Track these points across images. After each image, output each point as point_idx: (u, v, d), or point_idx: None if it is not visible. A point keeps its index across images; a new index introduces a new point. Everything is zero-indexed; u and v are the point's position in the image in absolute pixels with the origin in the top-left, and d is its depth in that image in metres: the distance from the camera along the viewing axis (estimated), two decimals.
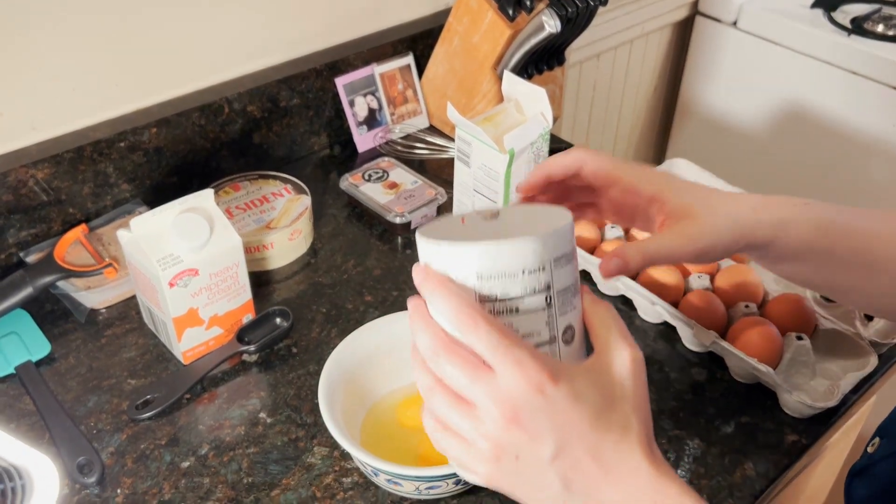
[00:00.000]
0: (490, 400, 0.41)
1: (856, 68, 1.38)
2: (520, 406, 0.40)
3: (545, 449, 0.41)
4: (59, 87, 0.84)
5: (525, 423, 0.40)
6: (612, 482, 0.41)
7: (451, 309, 0.42)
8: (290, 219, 0.88)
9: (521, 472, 0.42)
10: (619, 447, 0.42)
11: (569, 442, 0.41)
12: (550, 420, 0.40)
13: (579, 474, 0.41)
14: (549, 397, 0.40)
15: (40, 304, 0.81)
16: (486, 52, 0.99)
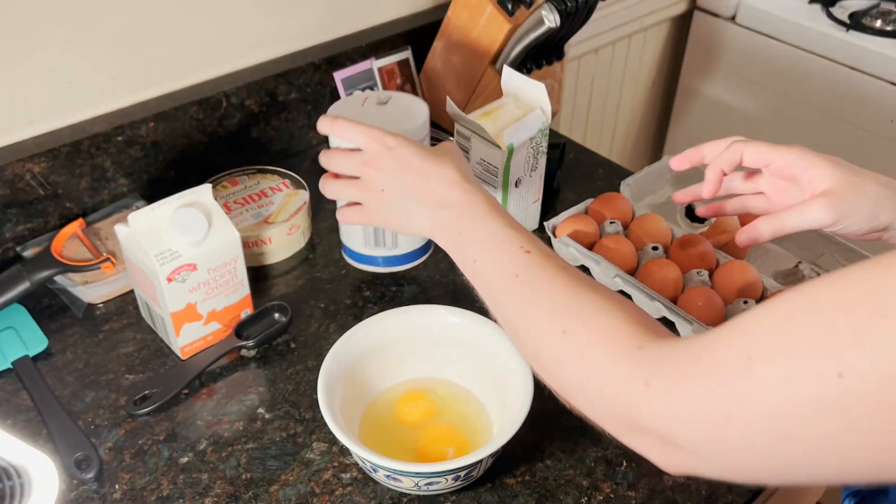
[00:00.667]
0: (360, 162, 0.67)
1: (854, 63, 1.38)
2: (375, 157, 0.66)
3: (390, 175, 0.66)
4: (56, 80, 0.84)
5: (379, 165, 0.66)
6: (435, 188, 0.64)
7: (342, 128, 0.69)
8: (288, 213, 0.87)
9: (387, 200, 0.67)
10: (441, 169, 0.64)
11: (405, 170, 0.65)
12: (394, 161, 0.66)
13: (417, 190, 0.65)
14: (392, 149, 0.66)
15: (37, 298, 0.81)
16: (485, 46, 0.99)
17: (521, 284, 0.56)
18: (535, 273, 0.56)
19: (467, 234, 0.61)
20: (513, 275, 0.57)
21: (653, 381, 0.44)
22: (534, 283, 0.56)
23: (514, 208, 0.87)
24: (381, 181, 0.66)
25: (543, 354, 0.53)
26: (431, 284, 0.86)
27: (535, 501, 0.65)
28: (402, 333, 0.71)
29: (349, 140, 0.68)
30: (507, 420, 0.63)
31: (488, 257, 0.59)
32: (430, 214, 0.64)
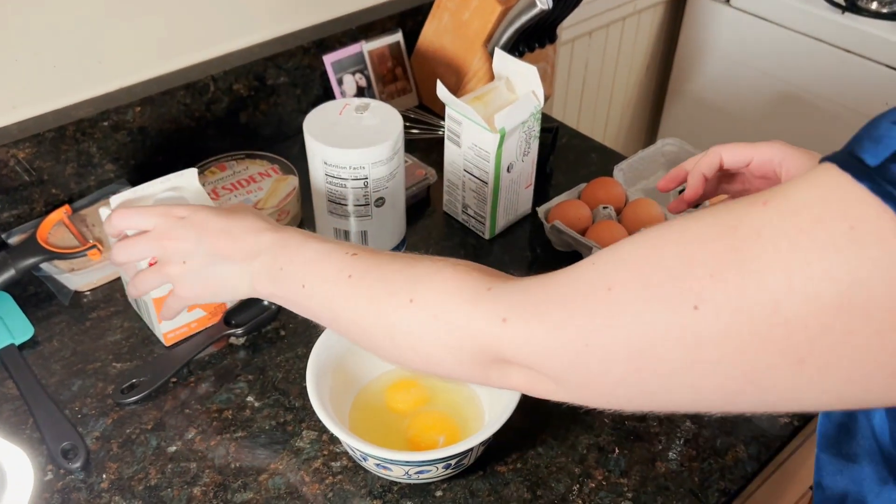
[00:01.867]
0: (153, 238, 0.64)
1: (850, 46, 1.37)
2: (169, 229, 0.63)
3: (190, 242, 0.62)
4: (40, 64, 0.82)
5: (175, 235, 0.62)
6: (243, 240, 0.61)
7: (123, 217, 0.66)
8: (277, 199, 0.86)
9: (192, 271, 0.62)
10: (243, 222, 0.62)
11: (205, 233, 0.61)
12: (191, 227, 0.62)
13: (223, 249, 0.61)
14: (186, 218, 0.63)
15: (23, 286, 0.80)
16: (477, 29, 0.98)
17: (356, 281, 0.54)
18: (366, 267, 0.55)
19: (289, 266, 0.59)
20: (346, 277, 0.55)
21: (510, 315, 0.45)
22: (368, 274, 0.54)
23: (506, 193, 0.86)
24: (182, 251, 0.62)
25: (397, 334, 0.52)
26: None
27: (526, 489, 0.64)
28: None
29: (135, 226, 0.65)
30: (498, 408, 0.62)
31: (316, 274, 0.57)
32: (245, 269, 0.61)
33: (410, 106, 1.09)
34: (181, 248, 0.62)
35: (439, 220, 0.92)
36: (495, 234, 0.89)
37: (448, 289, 0.50)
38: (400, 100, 1.07)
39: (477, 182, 0.85)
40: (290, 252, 0.59)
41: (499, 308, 0.46)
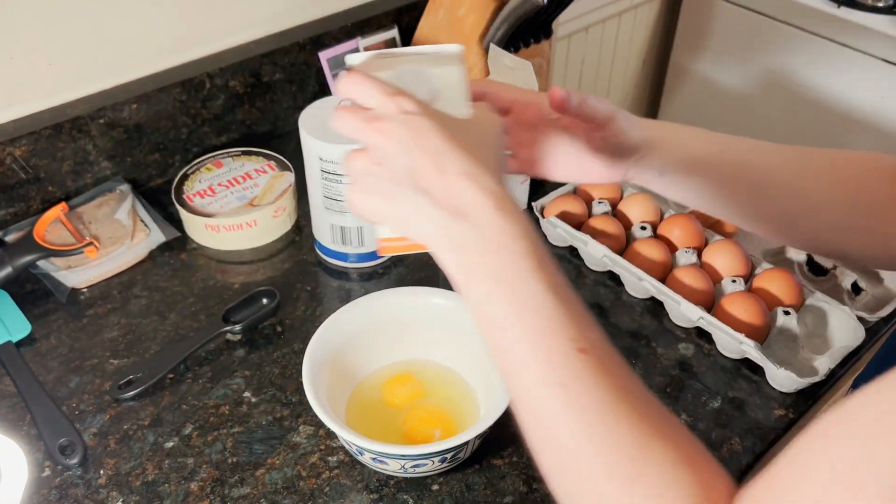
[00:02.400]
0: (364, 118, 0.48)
1: (845, 40, 1.37)
2: (383, 117, 0.48)
3: (396, 147, 0.47)
4: (35, 61, 0.82)
5: (384, 128, 0.47)
6: (453, 185, 0.46)
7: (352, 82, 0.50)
8: (273, 196, 0.86)
9: (382, 178, 0.48)
10: (466, 160, 0.46)
11: (417, 147, 0.46)
12: (406, 130, 0.47)
13: (427, 179, 0.46)
14: (408, 114, 0.47)
15: (20, 284, 0.80)
16: (472, 24, 0.98)
17: (567, 401, 0.42)
18: (589, 390, 0.42)
19: (491, 284, 0.45)
20: (557, 383, 0.42)
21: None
22: (586, 404, 0.41)
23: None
24: (381, 150, 0.48)
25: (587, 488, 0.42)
26: (419, 265, 0.85)
27: (522, 482, 0.65)
28: (388, 316, 0.70)
29: (358, 95, 0.51)
30: (493, 401, 0.62)
31: (524, 342, 0.43)
32: (438, 219, 0.47)
33: None
34: (381, 147, 0.48)
35: None
36: None
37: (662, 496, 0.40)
38: None
39: None
40: (498, 265, 0.45)
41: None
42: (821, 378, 0.71)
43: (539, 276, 0.44)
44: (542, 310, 0.43)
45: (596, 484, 0.41)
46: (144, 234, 0.84)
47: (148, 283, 0.82)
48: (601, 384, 0.42)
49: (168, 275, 0.83)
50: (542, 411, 0.43)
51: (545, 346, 0.43)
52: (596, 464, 0.41)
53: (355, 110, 0.50)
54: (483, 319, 0.46)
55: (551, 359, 0.42)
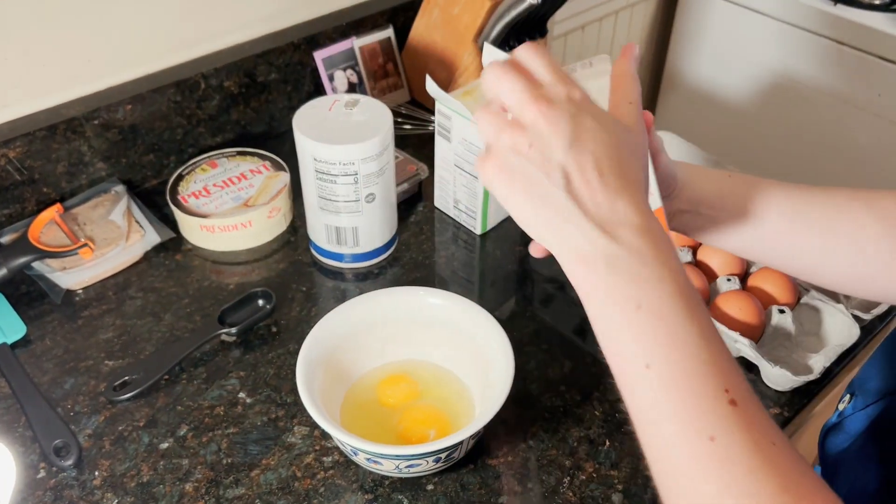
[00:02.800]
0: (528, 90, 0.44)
1: (841, 37, 1.37)
2: (550, 99, 0.43)
3: (557, 138, 0.42)
4: (29, 62, 0.82)
5: (546, 110, 0.43)
6: (614, 201, 0.42)
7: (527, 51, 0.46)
8: (268, 196, 0.86)
9: (529, 161, 0.43)
10: (627, 178, 0.43)
11: (581, 140, 0.42)
12: (569, 120, 0.43)
13: (581, 181, 0.42)
14: (580, 107, 0.43)
15: (15, 285, 0.80)
16: (467, 24, 0.98)
17: (715, 455, 0.39)
18: (738, 444, 0.39)
19: (637, 313, 0.41)
20: (707, 437, 0.39)
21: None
22: (735, 459, 0.38)
23: None
24: (539, 134, 0.43)
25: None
26: (413, 266, 0.85)
27: (517, 482, 0.65)
28: (383, 316, 0.70)
29: (532, 65, 0.46)
30: (488, 401, 0.62)
31: (670, 387, 0.40)
32: (586, 231, 0.42)
33: (402, 101, 1.09)
34: (541, 132, 0.43)
35: (431, 216, 0.92)
36: (487, 230, 0.89)
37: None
38: (391, 95, 1.07)
39: (468, 177, 0.85)
40: (651, 299, 0.41)
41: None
42: (816, 376, 0.71)
43: (695, 317, 0.41)
44: (695, 354, 0.40)
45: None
46: (139, 234, 0.84)
47: (143, 284, 0.82)
48: (749, 438, 0.38)
49: (163, 276, 0.83)
50: (684, 463, 0.39)
51: (695, 393, 0.39)
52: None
53: (518, 75, 0.45)
54: (620, 351, 0.42)
55: (702, 408, 0.39)
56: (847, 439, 0.66)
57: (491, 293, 0.84)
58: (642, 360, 0.41)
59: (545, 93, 0.44)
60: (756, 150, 1.58)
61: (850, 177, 1.47)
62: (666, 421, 0.40)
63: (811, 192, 0.61)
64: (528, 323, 0.78)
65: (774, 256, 0.63)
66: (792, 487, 0.38)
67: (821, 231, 0.59)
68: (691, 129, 1.63)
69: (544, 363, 0.74)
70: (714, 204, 0.60)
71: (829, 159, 1.48)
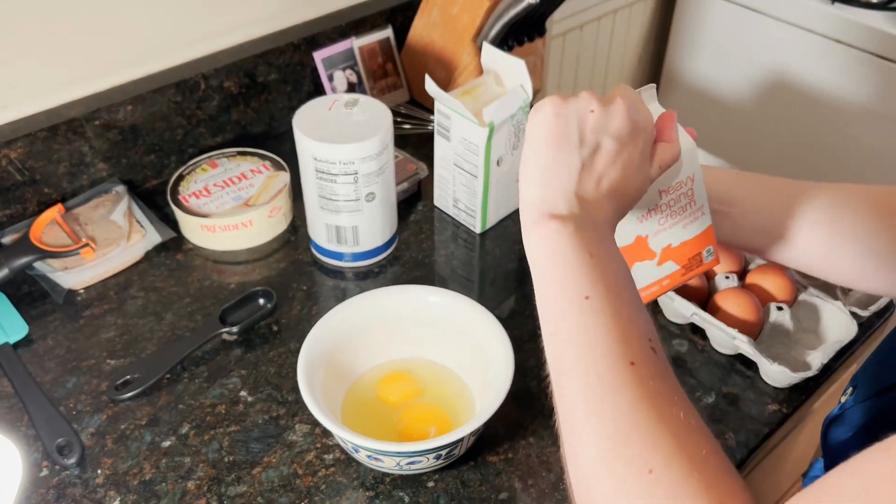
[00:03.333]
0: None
1: (840, 36, 1.37)
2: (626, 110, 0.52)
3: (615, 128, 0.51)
4: (29, 63, 0.83)
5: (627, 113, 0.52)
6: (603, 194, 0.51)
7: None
8: (268, 196, 0.87)
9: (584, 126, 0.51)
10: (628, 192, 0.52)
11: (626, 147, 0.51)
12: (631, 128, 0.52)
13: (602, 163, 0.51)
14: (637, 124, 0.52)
15: (17, 285, 0.81)
16: (466, 23, 0.98)
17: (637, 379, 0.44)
18: (654, 377, 0.44)
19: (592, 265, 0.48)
20: (628, 362, 0.44)
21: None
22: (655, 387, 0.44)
23: (497, 187, 0.87)
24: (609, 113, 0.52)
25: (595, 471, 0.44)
26: (413, 264, 0.85)
27: (517, 479, 0.65)
28: (383, 314, 0.71)
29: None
30: (488, 398, 0.63)
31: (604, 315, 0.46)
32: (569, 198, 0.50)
33: (401, 101, 1.09)
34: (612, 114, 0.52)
35: (431, 215, 0.92)
36: (486, 228, 0.90)
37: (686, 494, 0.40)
38: (391, 95, 1.08)
39: (467, 176, 0.86)
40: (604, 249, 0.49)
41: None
42: (814, 373, 0.71)
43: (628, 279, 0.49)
44: (626, 296, 0.47)
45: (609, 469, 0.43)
46: (140, 234, 0.85)
47: (144, 283, 0.82)
48: (663, 374, 0.45)
49: (164, 275, 0.83)
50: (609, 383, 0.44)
51: (626, 323, 0.46)
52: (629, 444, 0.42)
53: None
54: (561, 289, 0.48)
55: (630, 341, 0.45)
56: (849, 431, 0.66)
57: (490, 291, 0.84)
58: (583, 292, 0.47)
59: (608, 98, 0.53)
60: (754, 148, 1.59)
61: (848, 174, 1.47)
62: (599, 343, 0.45)
63: (819, 189, 0.63)
64: (528, 321, 0.79)
65: (786, 252, 0.64)
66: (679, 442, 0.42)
67: (831, 226, 0.61)
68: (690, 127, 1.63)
69: (544, 361, 0.75)
70: (724, 200, 0.63)
71: (828, 157, 1.48)
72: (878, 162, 1.42)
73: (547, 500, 0.64)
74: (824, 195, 0.62)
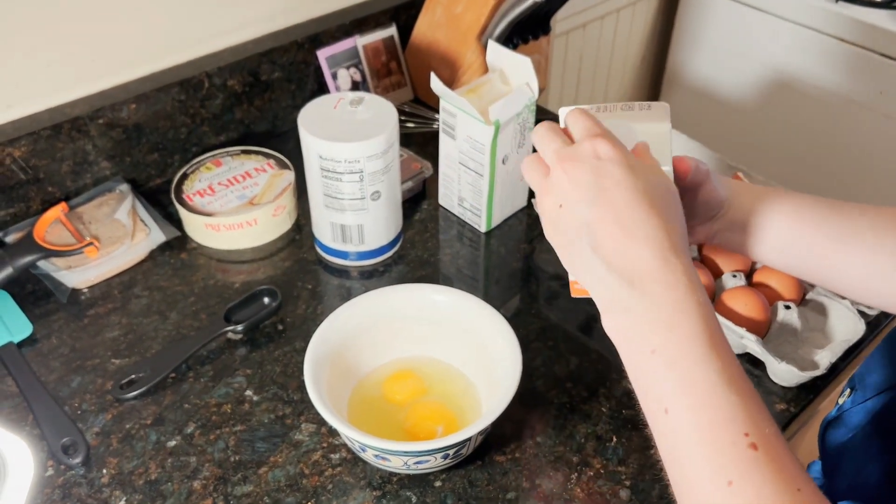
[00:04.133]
0: (553, 151, 0.49)
1: (843, 35, 1.37)
2: (573, 157, 0.47)
3: (580, 194, 0.46)
4: (33, 62, 0.82)
5: (570, 168, 0.47)
6: (633, 250, 0.44)
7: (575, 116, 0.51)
8: (273, 194, 0.86)
9: (561, 220, 0.48)
10: (651, 226, 0.44)
11: (602, 198, 0.45)
12: (594, 176, 0.46)
13: (605, 235, 0.45)
14: (600, 160, 0.46)
15: (21, 284, 0.80)
16: (470, 21, 0.98)
17: (734, 501, 0.39)
18: (757, 489, 0.39)
19: (658, 361, 0.43)
20: (725, 481, 0.39)
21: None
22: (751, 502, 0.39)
23: (502, 186, 0.86)
24: (564, 192, 0.47)
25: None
26: (419, 263, 0.85)
27: (524, 478, 0.65)
28: (389, 313, 0.70)
29: (572, 125, 0.51)
30: (495, 397, 0.62)
31: (690, 431, 0.41)
32: (610, 283, 0.45)
33: (405, 100, 1.09)
34: (563, 190, 0.47)
35: (436, 213, 0.92)
36: (492, 227, 0.90)
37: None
38: (395, 94, 1.07)
39: (472, 175, 0.85)
40: (673, 348, 0.42)
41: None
42: (822, 372, 0.71)
43: (712, 360, 0.41)
44: (713, 399, 0.40)
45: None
46: (144, 233, 0.84)
47: (148, 282, 0.82)
48: (769, 482, 0.39)
49: (168, 274, 0.83)
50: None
51: (714, 438, 0.40)
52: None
53: (550, 134, 0.50)
54: (644, 394, 0.44)
55: (719, 453, 0.40)
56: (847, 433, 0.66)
57: (496, 290, 0.84)
58: (660, 403, 0.42)
59: (571, 152, 0.48)
60: (757, 146, 1.58)
61: (850, 173, 1.47)
62: (686, 463, 0.41)
63: (849, 208, 0.60)
64: (534, 320, 0.79)
65: (818, 272, 0.61)
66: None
67: (869, 249, 0.58)
68: (693, 126, 1.63)
69: (550, 360, 0.75)
70: (764, 225, 0.60)
71: (830, 156, 1.48)
72: (882, 161, 1.42)
73: (555, 500, 0.63)
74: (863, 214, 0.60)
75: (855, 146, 1.45)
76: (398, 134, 0.78)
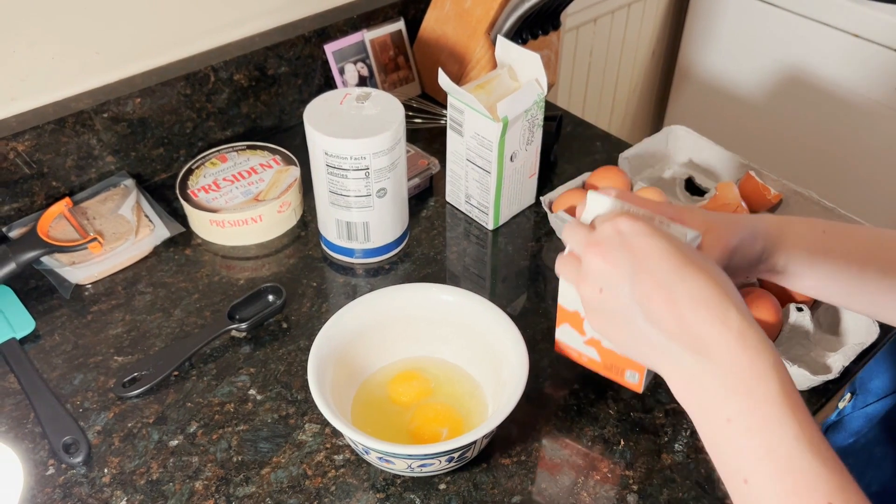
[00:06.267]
0: (584, 240, 0.49)
1: (857, 31, 1.35)
2: (601, 240, 0.47)
3: (618, 272, 0.45)
4: (37, 55, 0.82)
5: (603, 252, 0.46)
6: (688, 318, 0.42)
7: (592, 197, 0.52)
8: (278, 190, 0.86)
9: (605, 305, 0.47)
10: (698, 286, 0.43)
11: (641, 272, 0.44)
12: (625, 253, 0.45)
13: (654, 307, 0.44)
14: (624, 235, 0.46)
15: (24, 280, 0.80)
16: (479, 16, 0.96)
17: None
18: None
19: (734, 430, 0.41)
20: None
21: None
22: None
23: (510, 183, 0.85)
24: (600, 276, 0.47)
25: None
26: (425, 261, 0.84)
27: (530, 482, 0.64)
28: (394, 312, 0.69)
29: (590, 207, 0.52)
30: (501, 400, 0.61)
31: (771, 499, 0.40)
32: (675, 354, 0.44)
33: (413, 95, 1.08)
34: (600, 273, 0.47)
35: (442, 211, 0.91)
36: (499, 225, 0.88)
37: None
38: (402, 89, 1.06)
39: (480, 171, 0.84)
40: (749, 403, 0.41)
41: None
42: (834, 376, 0.70)
43: (791, 424, 0.40)
44: (794, 465, 0.39)
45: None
46: (149, 229, 0.84)
47: (152, 279, 0.81)
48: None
49: (173, 271, 0.82)
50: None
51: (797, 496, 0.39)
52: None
53: (577, 226, 0.50)
54: (721, 464, 0.42)
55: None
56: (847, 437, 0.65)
57: (503, 289, 0.83)
58: (739, 474, 0.40)
59: (596, 237, 0.47)
60: (768, 142, 1.57)
61: (863, 171, 1.45)
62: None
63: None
64: (541, 320, 0.77)
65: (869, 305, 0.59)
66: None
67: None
68: (704, 122, 1.62)
69: (558, 361, 0.73)
70: (805, 264, 0.57)
71: (843, 153, 1.46)
72: (894, 157, 1.40)
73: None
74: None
75: (870, 144, 1.43)
76: (404, 130, 0.77)
